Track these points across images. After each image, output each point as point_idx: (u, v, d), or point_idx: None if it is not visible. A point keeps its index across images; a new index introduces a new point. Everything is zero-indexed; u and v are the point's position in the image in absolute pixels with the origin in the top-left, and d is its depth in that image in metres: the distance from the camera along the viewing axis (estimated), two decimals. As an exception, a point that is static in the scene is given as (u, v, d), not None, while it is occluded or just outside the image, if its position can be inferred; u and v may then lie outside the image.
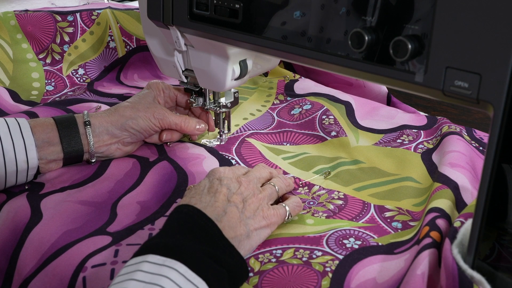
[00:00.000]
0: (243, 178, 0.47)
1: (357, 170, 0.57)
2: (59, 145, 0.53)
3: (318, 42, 0.39)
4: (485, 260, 0.36)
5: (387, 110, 0.69)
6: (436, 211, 0.44)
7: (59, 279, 0.42)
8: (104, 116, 0.56)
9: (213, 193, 0.44)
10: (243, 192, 0.45)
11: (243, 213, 0.44)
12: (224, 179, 0.46)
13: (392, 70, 0.36)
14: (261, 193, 0.47)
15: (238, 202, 0.44)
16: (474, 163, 0.54)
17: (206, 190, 0.45)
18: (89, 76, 0.81)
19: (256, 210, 0.45)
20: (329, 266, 0.42)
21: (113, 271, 0.42)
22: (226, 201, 0.44)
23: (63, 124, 0.53)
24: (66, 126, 0.53)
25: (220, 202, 0.43)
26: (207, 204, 0.43)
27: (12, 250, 0.46)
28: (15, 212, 0.49)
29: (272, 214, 0.46)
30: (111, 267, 0.43)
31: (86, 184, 0.54)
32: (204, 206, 0.42)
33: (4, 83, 0.75)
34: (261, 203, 0.46)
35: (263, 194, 0.47)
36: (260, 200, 0.46)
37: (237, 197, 0.44)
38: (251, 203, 0.45)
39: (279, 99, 0.73)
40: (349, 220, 0.49)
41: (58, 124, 0.53)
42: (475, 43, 0.32)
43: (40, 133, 0.52)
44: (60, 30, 0.80)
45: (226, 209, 0.43)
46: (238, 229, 0.42)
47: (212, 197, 0.44)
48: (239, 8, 0.42)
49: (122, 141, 0.56)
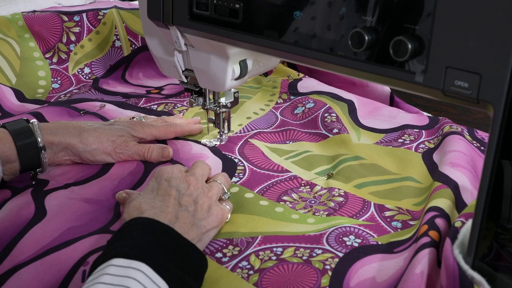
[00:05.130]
0: (191, 177, 0.46)
1: (358, 165, 0.57)
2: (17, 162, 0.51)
3: (318, 42, 0.39)
4: (484, 259, 0.36)
5: (389, 110, 0.69)
6: (436, 210, 0.44)
7: (56, 270, 0.43)
8: (66, 136, 0.54)
9: (162, 196, 0.43)
10: (192, 193, 0.44)
11: (195, 216, 0.43)
12: (173, 179, 0.45)
13: (392, 70, 0.36)
14: (210, 191, 0.46)
15: (189, 205, 0.43)
16: (475, 163, 0.54)
17: (155, 193, 0.44)
18: (95, 74, 0.82)
19: (208, 211, 0.45)
20: (329, 264, 0.42)
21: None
22: (177, 204, 0.43)
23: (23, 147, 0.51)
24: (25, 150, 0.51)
25: (171, 207, 0.42)
26: (159, 210, 0.42)
27: (10, 240, 0.46)
28: (19, 208, 0.50)
29: (222, 213, 0.46)
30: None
31: (90, 181, 0.54)
32: (156, 212, 0.42)
33: (10, 81, 0.76)
34: (211, 202, 0.45)
35: (212, 193, 0.46)
36: (210, 199, 0.45)
37: (187, 199, 0.44)
38: (203, 204, 0.44)
39: (282, 98, 0.73)
40: (349, 217, 0.49)
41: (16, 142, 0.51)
42: (475, 43, 0.32)
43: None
44: (66, 29, 0.81)
45: (178, 214, 0.42)
46: (191, 233, 0.42)
47: (162, 202, 0.43)
48: (239, 8, 0.43)
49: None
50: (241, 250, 0.45)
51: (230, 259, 0.44)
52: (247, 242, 0.46)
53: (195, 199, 0.44)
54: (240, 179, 0.55)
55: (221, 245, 0.46)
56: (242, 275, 0.42)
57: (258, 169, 0.57)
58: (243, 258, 0.44)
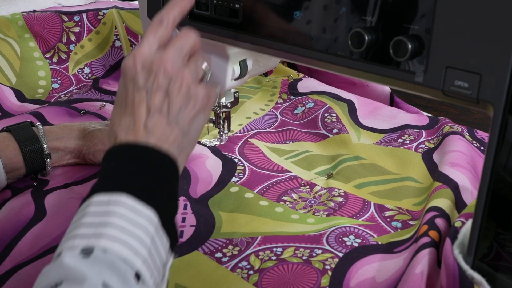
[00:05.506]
0: (161, 59, 0.38)
1: (358, 165, 0.57)
2: (23, 169, 0.52)
3: (318, 42, 0.39)
4: (484, 258, 0.36)
5: (389, 110, 0.69)
6: (436, 210, 0.44)
7: None
8: (71, 140, 0.54)
9: (131, 108, 0.37)
10: (162, 84, 0.37)
11: (170, 113, 0.37)
12: (138, 77, 0.37)
13: (392, 70, 0.36)
14: (185, 69, 0.38)
15: (161, 103, 0.37)
16: (475, 163, 0.54)
17: (124, 105, 0.38)
18: (95, 74, 0.82)
19: (187, 95, 0.38)
20: (328, 264, 0.42)
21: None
22: (147, 112, 0.37)
23: (29, 153, 0.51)
24: (32, 157, 0.51)
25: (141, 120, 0.37)
26: (130, 129, 0.37)
27: (9, 240, 0.46)
28: (19, 208, 0.50)
29: (205, 92, 0.39)
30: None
31: (90, 181, 0.54)
32: (127, 133, 0.37)
33: (10, 81, 0.76)
34: (189, 83, 0.38)
35: (188, 71, 0.38)
36: (185, 78, 0.38)
37: (158, 96, 0.37)
38: (178, 89, 0.38)
39: (282, 98, 0.73)
40: (349, 217, 0.49)
41: (22, 149, 0.51)
42: (475, 43, 0.32)
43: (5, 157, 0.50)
44: (66, 30, 0.81)
45: (148, 126, 0.37)
46: (171, 135, 0.37)
47: (131, 117, 0.37)
48: (239, 8, 0.43)
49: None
50: (241, 250, 0.45)
51: (230, 259, 0.44)
52: (247, 242, 0.46)
53: (166, 90, 0.38)
54: (240, 179, 0.55)
55: (221, 245, 0.46)
56: (242, 275, 0.42)
57: (258, 169, 0.57)
58: (243, 258, 0.44)
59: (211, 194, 0.53)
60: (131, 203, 0.33)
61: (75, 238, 0.32)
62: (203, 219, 0.49)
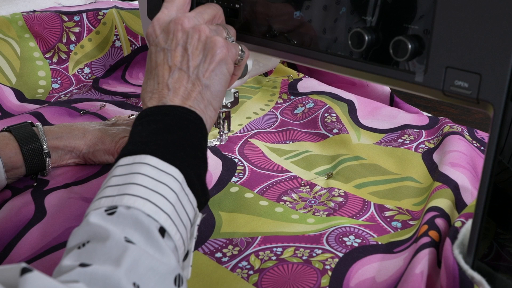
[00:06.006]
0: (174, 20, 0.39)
1: (358, 165, 0.57)
2: (23, 168, 0.52)
3: (318, 42, 0.39)
4: (484, 258, 0.36)
5: (389, 110, 0.69)
6: (436, 210, 0.44)
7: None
8: (71, 140, 0.54)
9: (155, 71, 0.39)
10: (179, 40, 0.38)
11: (189, 69, 0.38)
12: (158, 40, 0.39)
13: (392, 70, 0.36)
14: (203, 24, 0.39)
15: (179, 61, 0.38)
16: (475, 163, 0.54)
17: (149, 70, 0.39)
18: (95, 74, 0.82)
19: (205, 46, 0.38)
20: (328, 264, 0.42)
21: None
22: (169, 71, 0.38)
23: (29, 152, 0.51)
24: (31, 156, 0.51)
25: (164, 80, 0.38)
26: (153, 93, 0.38)
27: (9, 240, 0.46)
28: (19, 208, 0.50)
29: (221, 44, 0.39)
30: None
31: (90, 181, 0.54)
32: (151, 97, 0.38)
33: (10, 81, 0.76)
34: (207, 34, 0.39)
35: (206, 25, 0.39)
36: (202, 31, 0.39)
37: (177, 55, 0.38)
38: (193, 44, 0.38)
39: (282, 98, 0.73)
40: (349, 218, 0.49)
41: (22, 148, 0.51)
42: (475, 43, 0.32)
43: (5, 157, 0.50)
44: (66, 30, 0.81)
45: (170, 84, 0.38)
46: (193, 90, 0.38)
47: (154, 80, 0.39)
48: (239, 8, 0.43)
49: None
50: (241, 250, 0.45)
51: (230, 259, 0.44)
52: (247, 242, 0.46)
53: (184, 46, 0.38)
54: (240, 179, 0.56)
55: (221, 245, 0.46)
56: (242, 275, 0.42)
57: (258, 169, 0.57)
58: (243, 258, 0.44)
59: (211, 194, 0.53)
60: (155, 162, 0.34)
61: (100, 199, 0.33)
62: (203, 219, 0.49)
